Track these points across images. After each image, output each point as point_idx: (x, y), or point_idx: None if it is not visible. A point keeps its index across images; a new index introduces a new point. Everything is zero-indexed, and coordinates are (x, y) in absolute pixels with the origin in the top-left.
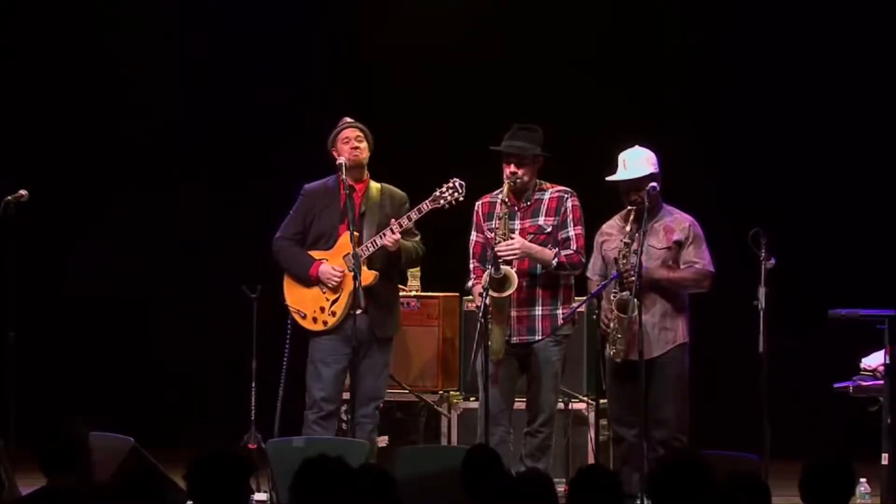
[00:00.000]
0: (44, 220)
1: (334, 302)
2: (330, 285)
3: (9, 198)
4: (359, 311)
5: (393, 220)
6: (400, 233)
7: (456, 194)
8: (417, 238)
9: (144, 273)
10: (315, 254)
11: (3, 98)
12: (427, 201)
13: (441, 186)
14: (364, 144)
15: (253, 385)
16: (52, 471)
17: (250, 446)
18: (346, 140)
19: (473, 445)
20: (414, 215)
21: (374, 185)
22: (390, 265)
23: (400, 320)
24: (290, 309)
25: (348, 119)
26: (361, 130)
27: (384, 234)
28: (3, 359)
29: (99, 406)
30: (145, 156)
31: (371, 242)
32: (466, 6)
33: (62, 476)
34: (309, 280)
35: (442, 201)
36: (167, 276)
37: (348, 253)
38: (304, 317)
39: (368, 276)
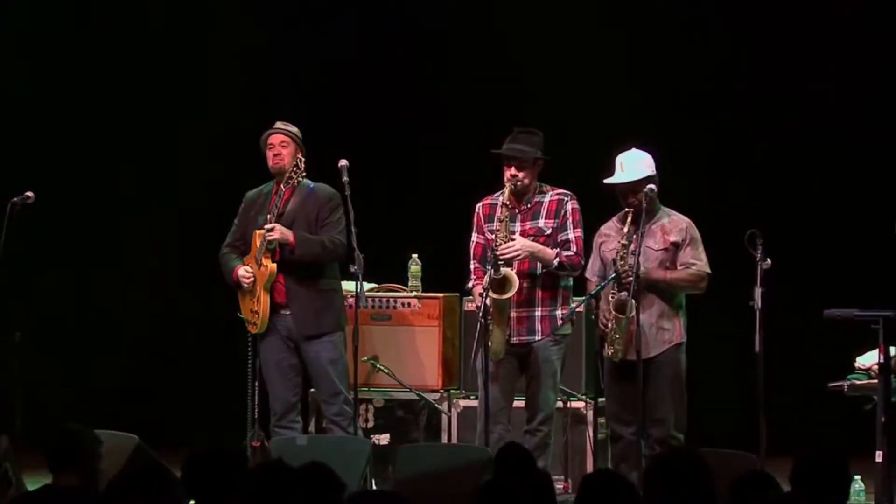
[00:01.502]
0: (49, 219)
1: (253, 303)
2: (244, 286)
3: (15, 199)
4: (287, 312)
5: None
6: (321, 227)
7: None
8: (337, 231)
9: (151, 277)
10: (246, 260)
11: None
12: (310, 196)
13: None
14: (288, 150)
15: (256, 384)
16: (58, 470)
17: (254, 444)
18: (270, 146)
19: (504, 444)
20: (311, 194)
21: (306, 186)
22: (301, 263)
23: (337, 317)
24: (241, 315)
25: (278, 124)
26: (288, 135)
27: (277, 231)
28: (8, 358)
29: (103, 404)
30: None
31: (274, 237)
32: (467, 12)
33: (68, 475)
34: (235, 284)
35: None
36: (174, 281)
37: (260, 249)
38: (247, 322)
39: (268, 271)
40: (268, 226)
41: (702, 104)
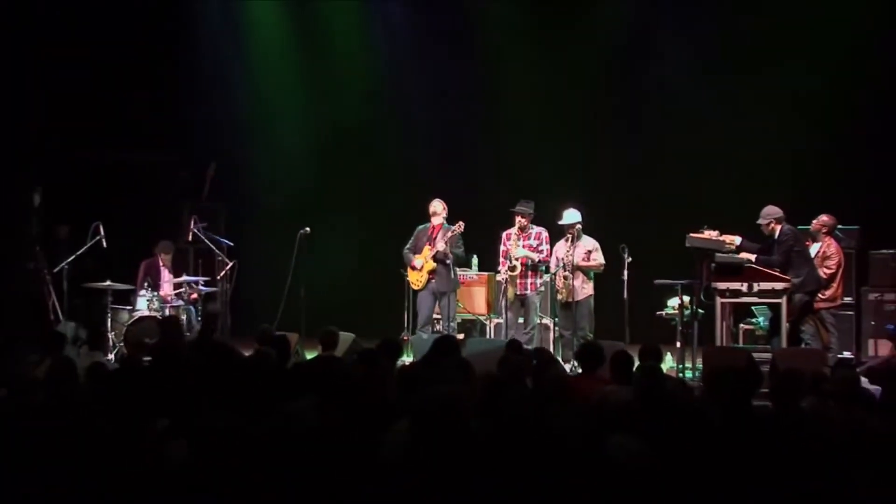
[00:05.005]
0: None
1: (420, 276)
2: (417, 268)
3: (301, 231)
4: (433, 280)
5: (439, 240)
6: (444, 246)
7: (460, 229)
8: (461, 250)
9: (360, 264)
10: (416, 256)
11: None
12: (449, 233)
13: (453, 226)
14: (438, 208)
15: (406, 310)
16: (325, 349)
17: (405, 338)
18: (431, 206)
19: (509, 339)
20: (450, 233)
21: (445, 224)
22: (444, 260)
23: (455, 284)
24: (409, 281)
25: (437, 199)
26: (441, 202)
27: (437, 246)
28: (297, 304)
29: (335, 321)
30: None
31: (434, 249)
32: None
33: (329, 350)
34: (411, 267)
35: (455, 232)
36: (378, 263)
37: (429, 255)
38: (412, 283)
39: (431, 265)
40: (441, 244)
41: (597, 186)
